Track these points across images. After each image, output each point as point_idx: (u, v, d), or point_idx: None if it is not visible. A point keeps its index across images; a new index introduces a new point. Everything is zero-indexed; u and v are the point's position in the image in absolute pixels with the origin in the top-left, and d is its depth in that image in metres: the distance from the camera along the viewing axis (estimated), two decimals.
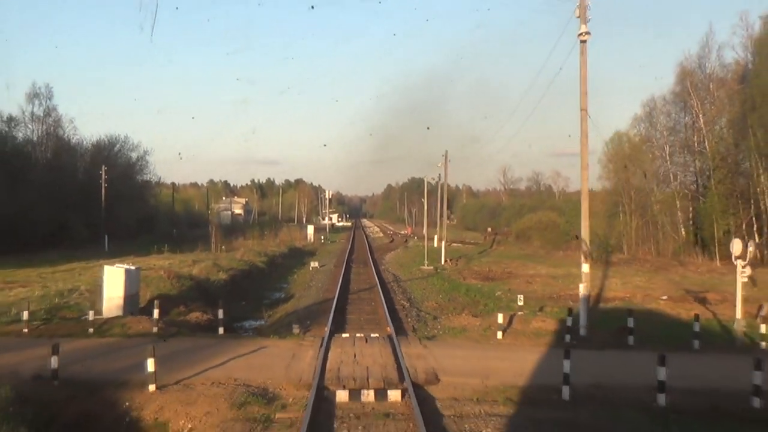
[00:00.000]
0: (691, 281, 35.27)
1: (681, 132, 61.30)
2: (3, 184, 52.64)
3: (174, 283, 25.99)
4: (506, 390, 12.74)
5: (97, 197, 66.33)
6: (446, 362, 14.87)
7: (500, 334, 17.94)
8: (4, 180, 53.37)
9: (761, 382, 12.26)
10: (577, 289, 23.81)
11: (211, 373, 13.73)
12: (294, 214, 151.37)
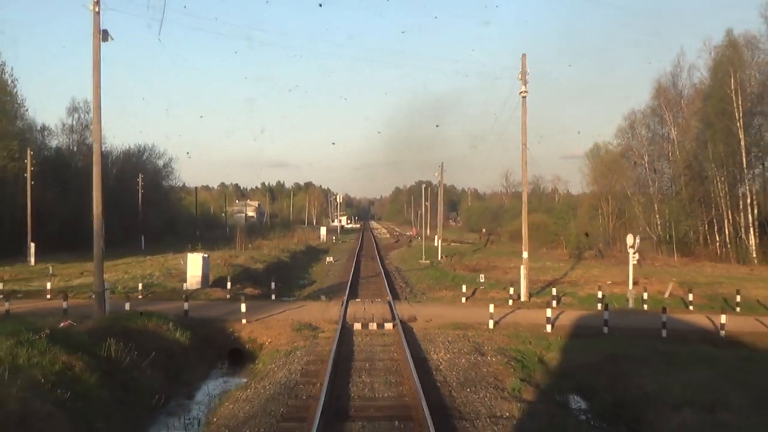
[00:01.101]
0: (640, 272, 43.64)
1: (658, 142, 69.91)
2: (56, 191, 61.45)
3: (228, 268, 34.86)
4: (455, 324, 21.43)
5: (128, 201, 75.16)
6: (423, 312, 23.62)
7: (464, 299, 26.67)
8: (56, 187, 62.25)
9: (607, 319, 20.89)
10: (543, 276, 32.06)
11: (276, 316, 22.48)
12: (304, 217, 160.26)
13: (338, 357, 16.39)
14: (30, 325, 14.78)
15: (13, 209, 54.16)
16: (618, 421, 13.06)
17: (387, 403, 12.98)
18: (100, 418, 12.30)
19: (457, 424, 11.55)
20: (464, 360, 16.50)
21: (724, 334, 20.66)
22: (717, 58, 58.47)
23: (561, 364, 17.14)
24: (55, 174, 65.29)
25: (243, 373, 17.30)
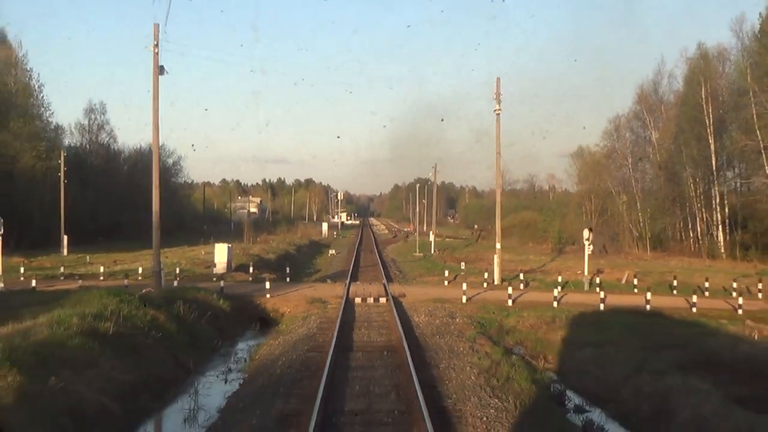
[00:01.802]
0: (610, 263, 49.35)
1: (641, 145, 75.64)
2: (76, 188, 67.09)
3: (246, 257, 40.68)
4: (436, 299, 27.22)
5: (140, 198, 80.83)
6: (411, 291, 29.45)
7: (446, 282, 32.49)
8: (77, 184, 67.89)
9: (557, 297, 26.66)
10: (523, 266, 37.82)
11: (291, 293, 28.29)
12: (305, 213, 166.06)
13: (344, 319, 22.16)
14: (121, 291, 20.57)
15: (42, 205, 59.88)
16: (539, 357, 18.85)
17: (379, 344, 18.79)
18: (180, 352, 18.13)
19: (424, 353, 17.37)
20: (438, 321, 22.35)
21: (649, 308, 26.39)
22: (690, 68, 64.25)
23: (512, 325, 22.96)
24: (76, 172, 70.92)
25: (270, 333, 23.02)
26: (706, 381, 14.30)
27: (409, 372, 14.40)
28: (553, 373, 17.60)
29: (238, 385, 16.07)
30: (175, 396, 15.38)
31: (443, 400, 13.14)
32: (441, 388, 14.05)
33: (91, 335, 15.45)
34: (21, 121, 60.42)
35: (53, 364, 13.10)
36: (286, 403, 12.99)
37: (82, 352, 14.37)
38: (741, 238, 58.06)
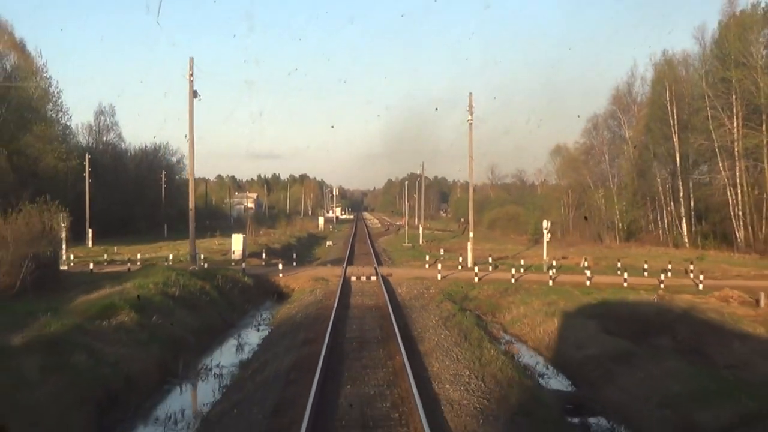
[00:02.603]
0: (578, 251, 56.24)
1: (616, 142, 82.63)
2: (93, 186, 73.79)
3: (256, 246, 47.54)
4: (416, 277, 34.19)
5: (147, 195, 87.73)
6: (397, 272, 36.45)
7: (426, 265, 39.44)
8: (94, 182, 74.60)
9: (515, 276, 33.65)
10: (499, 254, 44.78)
11: (299, 273, 35.24)
12: (301, 208, 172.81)
13: (342, 290, 29.05)
14: (175, 268, 27.49)
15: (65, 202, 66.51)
16: (486, 314, 25.85)
17: (369, 305, 25.78)
18: (223, 311, 25.10)
19: (401, 310, 24.37)
20: (416, 291, 29.37)
21: (589, 284, 33.29)
22: (656, 73, 71.29)
23: (474, 295, 29.95)
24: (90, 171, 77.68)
25: (285, 302, 29.89)
26: (596, 323, 21.22)
27: (390, 318, 21.32)
28: (494, 323, 24.57)
29: (267, 332, 23.06)
30: (226, 337, 22.37)
31: (411, 332, 20.11)
32: (410, 327, 21.04)
33: (165, 295, 22.38)
34: (43, 125, 66.97)
35: (150, 310, 20.04)
36: (307, 335, 19.91)
37: (163, 305, 21.32)
38: (702, 229, 65.20)
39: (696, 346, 18.74)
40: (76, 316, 17.71)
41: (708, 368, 15.57)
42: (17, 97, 67.93)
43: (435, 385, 14.17)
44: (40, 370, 13.16)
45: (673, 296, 29.51)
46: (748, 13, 61.27)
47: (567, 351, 18.96)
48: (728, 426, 11.69)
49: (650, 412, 13.30)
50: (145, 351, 16.96)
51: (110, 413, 13.49)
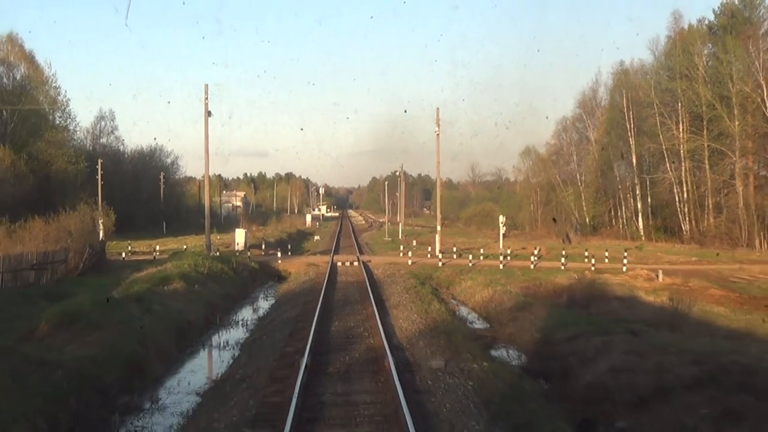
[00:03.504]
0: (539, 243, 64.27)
1: (583, 143, 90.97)
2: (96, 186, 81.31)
3: (255, 240, 55.49)
4: (390, 263, 42.30)
5: (144, 195, 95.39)
6: (375, 259, 44.59)
7: (401, 254, 47.50)
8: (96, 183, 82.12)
9: (472, 262, 41.78)
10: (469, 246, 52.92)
11: (294, 261, 43.29)
12: (287, 206, 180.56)
13: (330, 272, 37.02)
14: (201, 254, 35.48)
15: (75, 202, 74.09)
16: (441, 288, 33.96)
17: (352, 281, 33.83)
18: (238, 285, 33.10)
19: (376, 284, 32.52)
20: (389, 272, 37.48)
21: (533, 267, 41.37)
22: (614, 80, 79.76)
23: (435, 275, 38.05)
24: (93, 173, 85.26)
25: (285, 281, 37.79)
26: (520, 290, 29.24)
27: (366, 289, 29.35)
28: (446, 293, 32.67)
29: (274, 300, 31.12)
30: (244, 303, 30.44)
31: (381, 296, 28.23)
32: (381, 293, 29.15)
33: (198, 273, 30.34)
34: (53, 131, 74.61)
35: (191, 282, 27.97)
36: (305, 299, 27.89)
37: (199, 279, 29.28)
38: (655, 223, 73.64)
39: (585, 303, 26.69)
40: (144, 283, 25.63)
41: (578, 313, 23.57)
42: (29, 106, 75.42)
43: (392, 321, 22.30)
44: (139, 312, 21.07)
45: (595, 275, 37.62)
46: (692, 30, 69.79)
47: (491, 307, 27.12)
48: (569, 338, 19.67)
49: (529, 335, 21.36)
50: (194, 306, 24.90)
51: (182, 341, 21.39)
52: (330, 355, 17.49)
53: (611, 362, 16.42)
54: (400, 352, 17.74)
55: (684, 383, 14.02)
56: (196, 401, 15.28)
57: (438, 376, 15.24)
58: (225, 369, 17.99)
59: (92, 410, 14.07)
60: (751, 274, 40.34)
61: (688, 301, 23.43)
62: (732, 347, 16.47)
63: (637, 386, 14.61)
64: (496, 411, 12.82)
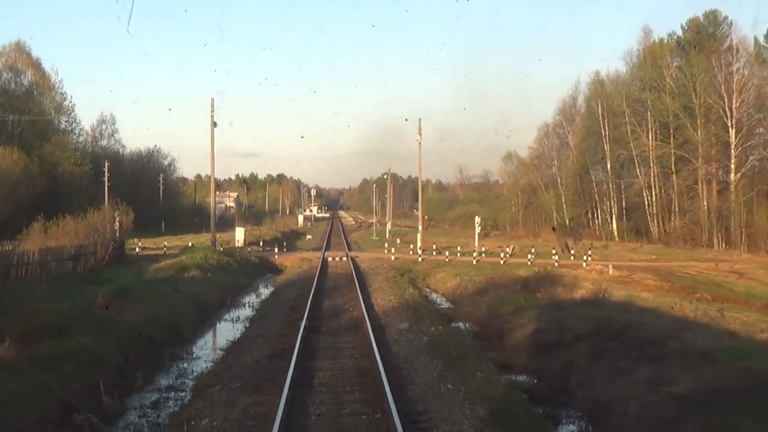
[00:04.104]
0: (515, 243, 69.97)
1: (563, 149, 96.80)
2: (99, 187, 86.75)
3: (253, 237, 61.14)
4: (376, 258, 48.05)
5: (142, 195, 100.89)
6: (362, 254, 50.42)
7: (385, 251, 53.21)
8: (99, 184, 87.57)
9: (450, 257, 47.53)
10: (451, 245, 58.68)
11: (289, 256, 49.02)
12: (279, 207, 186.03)
13: (322, 265, 42.68)
14: (208, 248, 41.15)
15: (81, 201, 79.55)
16: (418, 279, 39.68)
17: (341, 273, 39.59)
18: (242, 275, 38.79)
19: (362, 275, 38.29)
20: (374, 266, 43.19)
21: (503, 263, 47.06)
22: (591, 90, 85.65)
23: (415, 269, 43.75)
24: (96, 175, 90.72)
25: (282, 273, 43.38)
26: (483, 280, 34.88)
27: (353, 278, 35.03)
28: (422, 282, 38.38)
29: (274, 287, 36.77)
30: (249, 290, 36.13)
31: (365, 284, 33.95)
32: (365, 282, 34.91)
33: (208, 264, 35.98)
34: (59, 135, 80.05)
35: (204, 271, 33.62)
36: (301, 285, 33.52)
37: (210, 269, 34.94)
38: (627, 225, 79.48)
39: (535, 289, 32.35)
40: (168, 271, 31.28)
41: (527, 296, 29.21)
42: (35, 111, 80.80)
43: (372, 300, 28.06)
44: (169, 291, 26.70)
45: (556, 269, 43.33)
46: (661, 44, 75.72)
47: (456, 293, 32.95)
48: (510, 312, 25.32)
49: (481, 311, 27.07)
50: (209, 290, 30.59)
51: (203, 315, 27.02)
52: (322, 321, 23.22)
53: (535, 327, 22.18)
54: (375, 319, 23.44)
55: (578, 337, 19.74)
56: (221, 354, 20.85)
57: (402, 333, 20.95)
58: (240, 334, 23.61)
59: (149, 355, 19.73)
60: (697, 270, 46.24)
61: (612, 287, 29.23)
62: (624, 316, 22.22)
63: (548, 341, 20.35)
64: (439, 353, 18.44)
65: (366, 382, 15.37)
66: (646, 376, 15.30)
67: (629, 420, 13.41)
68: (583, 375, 16.92)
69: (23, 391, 13.28)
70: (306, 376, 15.79)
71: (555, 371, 18.03)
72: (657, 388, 14.33)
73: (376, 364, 15.85)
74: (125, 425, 14.38)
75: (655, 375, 15.22)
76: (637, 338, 18.72)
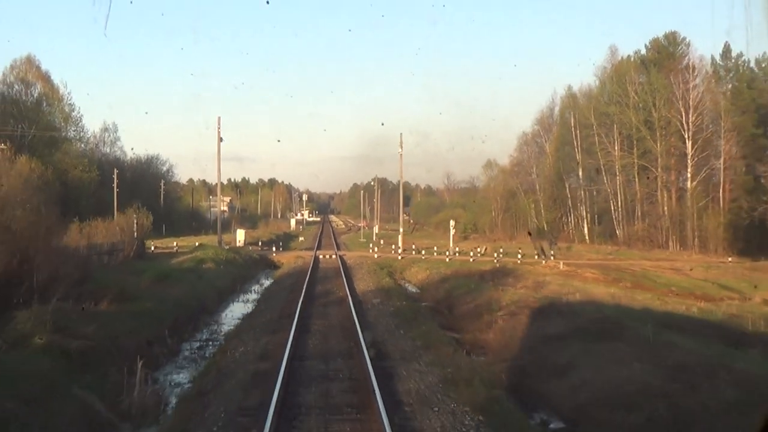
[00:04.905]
0: (490, 245, 77.72)
1: (542, 156, 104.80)
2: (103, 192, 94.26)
3: (251, 239, 68.91)
4: (361, 256, 56.00)
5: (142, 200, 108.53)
6: (349, 253, 58.50)
7: (370, 250, 61.06)
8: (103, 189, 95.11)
9: (425, 255, 55.42)
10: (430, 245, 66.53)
11: (285, 254, 57.00)
12: (270, 211, 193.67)
13: (314, 262, 50.52)
14: (216, 247, 49.02)
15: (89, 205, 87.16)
16: (396, 272, 47.60)
17: (330, 267, 47.54)
18: (247, 269, 46.69)
19: (348, 269, 46.25)
20: (358, 262, 51.21)
21: (472, 260, 54.83)
22: (563, 103, 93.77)
23: (394, 265, 51.65)
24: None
25: (279, 268, 51.13)
26: (450, 272, 42.69)
27: (340, 270, 42.86)
28: (398, 275, 46.26)
29: (273, 279, 44.54)
30: (253, 281, 44.04)
31: (350, 274, 41.90)
32: (350, 273, 42.83)
33: (220, 260, 43.77)
34: (68, 144, 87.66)
35: (218, 263, 41.47)
36: (297, 276, 41.31)
37: (221, 263, 42.78)
38: (597, 228, 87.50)
39: (489, 279, 40.08)
40: (189, 263, 39.07)
41: (476, 282, 36.93)
42: (44, 121, 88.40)
43: (354, 286, 35.99)
44: (194, 278, 34.50)
45: (516, 265, 51.14)
46: (625, 62, 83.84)
47: (425, 282, 40.96)
48: (461, 293, 33.11)
49: (440, 293, 34.96)
50: (223, 278, 38.44)
51: (220, 296, 34.80)
52: (315, 299, 31.19)
53: (475, 301, 30.06)
54: (356, 297, 31.38)
55: (502, 307, 27.57)
56: (239, 321, 28.62)
57: (375, 305, 28.92)
58: (251, 309, 31.49)
59: (189, 319, 27.51)
60: (641, 267, 54.15)
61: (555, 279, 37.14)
62: (540, 293, 30.07)
63: (481, 309, 28.19)
64: (399, 317, 26.33)
65: (346, 329, 23.33)
66: (536, 325, 23.15)
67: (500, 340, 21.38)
68: (498, 331, 24.74)
69: (123, 329, 21.04)
70: (305, 327, 23.64)
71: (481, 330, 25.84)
72: (536, 331, 22.20)
73: (353, 320, 23.68)
74: (183, 357, 22.20)
75: (542, 324, 23.07)
76: (548, 308, 26.55)
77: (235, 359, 19.52)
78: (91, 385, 15.85)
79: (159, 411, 16.01)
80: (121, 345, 19.58)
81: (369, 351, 18.34)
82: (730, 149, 73.74)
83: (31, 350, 16.52)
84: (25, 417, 13.05)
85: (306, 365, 18.10)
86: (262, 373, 16.88)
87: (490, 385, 16.07)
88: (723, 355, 16.80)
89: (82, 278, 23.88)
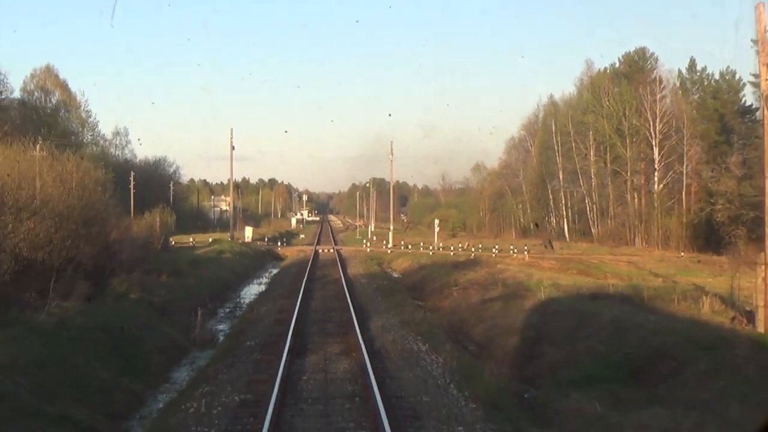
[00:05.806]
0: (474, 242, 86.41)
1: (527, 159, 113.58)
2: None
3: (258, 235, 77.85)
4: (355, 250, 64.95)
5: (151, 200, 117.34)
6: (345, 248, 67.50)
7: (364, 245, 70.03)
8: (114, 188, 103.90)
9: (411, 250, 64.43)
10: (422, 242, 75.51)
11: (289, 248, 66.13)
12: (271, 210, 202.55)
13: (315, 255, 59.50)
14: (229, 241, 58.13)
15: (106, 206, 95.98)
16: (384, 263, 56.58)
17: (328, 259, 56.65)
18: (257, 260, 55.77)
19: (343, 260, 55.42)
20: (352, 254, 60.32)
21: (453, 254, 63.65)
22: (545, 110, 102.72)
23: (384, 257, 60.64)
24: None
25: (284, 261, 60.05)
26: (429, 262, 51.60)
27: (337, 262, 51.85)
28: (386, 265, 55.24)
29: (280, 268, 53.67)
30: (263, 270, 53.23)
31: (345, 264, 51.09)
32: (345, 263, 52.07)
33: (235, 251, 52.80)
34: (88, 148, 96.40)
35: (234, 254, 50.53)
36: (300, 266, 50.30)
37: (236, 254, 51.84)
38: (576, 227, 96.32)
39: (461, 267, 48.83)
40: (211, 254, 48.03)
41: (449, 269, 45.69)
42: (63, 127, 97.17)
43: (348, 272, 45.21)
44: (217, 265, 43.51)
45: (489, 257, 59.88)
46: (600, 74, 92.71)
47: (407, 270, 49.97)
48: (434, 276, 42.01)
49: (417, 277, 43.99)
50: (239, 266, 47.54)
51: (238, 279, 43.79)
52: (316, 280, 40.40)
53: (441, 281, 39.01)
54: (348, 279, 40.48)
55: (459, 284, 36.46)
56: (256, 296, 37.55)
57: (363, 284, 38.04)
58: (264, 288, 40.45)
59: (220, 292, 36.45)
60: (600, 260, 62.83)
61: (518, 267, 46.06)
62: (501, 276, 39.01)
63: (444, 286, 37.09)
64: (380, 291, 35.34)
65: (339, 297, 32.42)
66: (479, 295, 32.05)
67: (452, 304, 30.38)
68: (452, 299, 33.58)
69: (180, 294, 30.05)
70: (309, 296, 32.79)
71: (441, 299, 34.65)
72: (477, 299, 31.11)
73: (344, 292, 32.69)
74: (221, 316, 31.20)
75: (482, 294, 31.95)
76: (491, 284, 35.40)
77: (260, 313, 28.72)
78: (171, 325, 24.91)
79: (214, 341, 24.98)
80: (182, 303, 28.60)
81: (354, 308, 27.35)
82: (694, 155, 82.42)
83: (129, 302, 25.55)
84: (142, 337, 22.00)
85: (310, 315, 27.24)
86: (281, 320, 25.89)
87: (433, 326, 25.16)
88: (588, 307, 25.68)
89: (145, 259, 32.86)
